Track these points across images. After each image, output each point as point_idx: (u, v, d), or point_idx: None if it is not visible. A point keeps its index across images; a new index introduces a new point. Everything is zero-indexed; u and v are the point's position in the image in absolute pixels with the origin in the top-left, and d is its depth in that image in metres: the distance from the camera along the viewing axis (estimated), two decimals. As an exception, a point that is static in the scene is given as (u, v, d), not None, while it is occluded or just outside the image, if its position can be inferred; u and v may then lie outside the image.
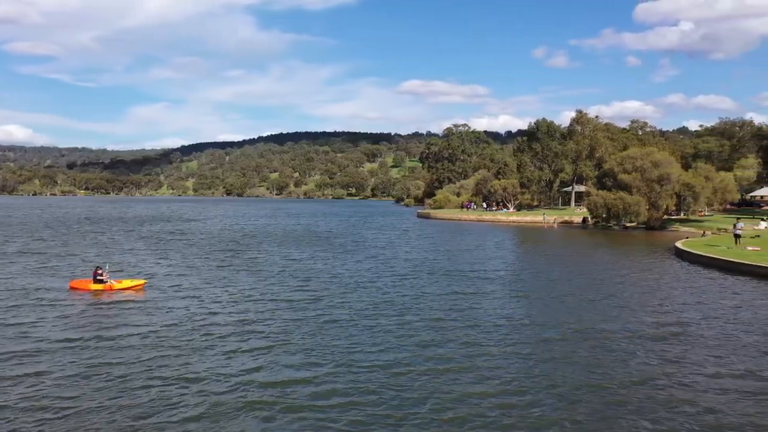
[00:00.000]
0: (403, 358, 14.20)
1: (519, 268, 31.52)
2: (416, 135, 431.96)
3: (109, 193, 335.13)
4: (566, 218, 76.02)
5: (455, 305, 20.53)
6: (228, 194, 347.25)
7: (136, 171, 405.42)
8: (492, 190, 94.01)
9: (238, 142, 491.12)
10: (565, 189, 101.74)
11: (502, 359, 14.20)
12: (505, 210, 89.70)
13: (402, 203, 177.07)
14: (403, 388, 12.11)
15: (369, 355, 14.36)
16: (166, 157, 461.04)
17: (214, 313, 18.95)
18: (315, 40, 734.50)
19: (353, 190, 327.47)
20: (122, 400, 11.36)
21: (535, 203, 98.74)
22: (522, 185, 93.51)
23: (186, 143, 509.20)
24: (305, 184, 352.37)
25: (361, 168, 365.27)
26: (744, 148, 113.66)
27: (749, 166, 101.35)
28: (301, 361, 13.92)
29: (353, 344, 15.34)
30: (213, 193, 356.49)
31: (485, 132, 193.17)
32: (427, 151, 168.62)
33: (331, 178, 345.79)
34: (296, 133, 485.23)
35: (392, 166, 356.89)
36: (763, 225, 50.41)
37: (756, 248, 34.59)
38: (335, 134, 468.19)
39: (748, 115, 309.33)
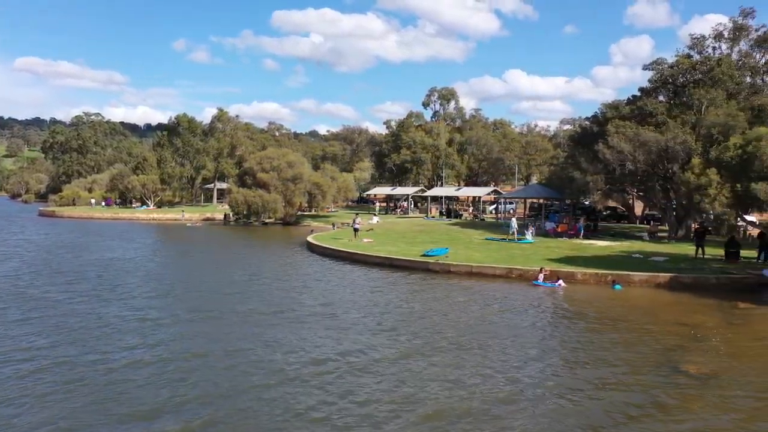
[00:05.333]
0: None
1: (167, 276, 30.38)
2: (37, 121, 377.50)
3: None
4: (208, 215, 76.55)
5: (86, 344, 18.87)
6: None
7: None
8: (130, 186, 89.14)
9: None
10: (208, 186, 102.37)
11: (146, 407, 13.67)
12: (144, 207, 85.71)
13: (20, 200, 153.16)
14: None
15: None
16: None
17: None
18: None
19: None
20: None
21: (177, 200, 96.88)
22: (163, 181, 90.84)
23: None
24: None
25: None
26: (362, 153, 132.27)
27: (365, 168, 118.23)
28: None
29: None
30: None
31: (122, 123, 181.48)
32: (51, 140, 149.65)
33: None
34: None
35: (6, 156, 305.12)
36: (375, 219, 59.29)
37: (370, 240, 40.57)
38: None
39: (365, 124, 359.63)
